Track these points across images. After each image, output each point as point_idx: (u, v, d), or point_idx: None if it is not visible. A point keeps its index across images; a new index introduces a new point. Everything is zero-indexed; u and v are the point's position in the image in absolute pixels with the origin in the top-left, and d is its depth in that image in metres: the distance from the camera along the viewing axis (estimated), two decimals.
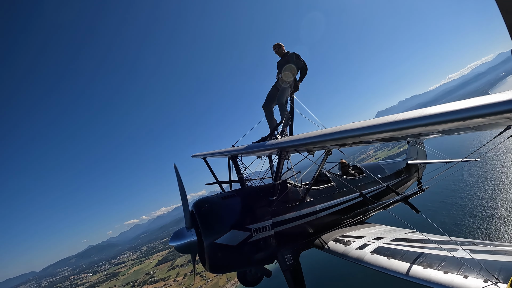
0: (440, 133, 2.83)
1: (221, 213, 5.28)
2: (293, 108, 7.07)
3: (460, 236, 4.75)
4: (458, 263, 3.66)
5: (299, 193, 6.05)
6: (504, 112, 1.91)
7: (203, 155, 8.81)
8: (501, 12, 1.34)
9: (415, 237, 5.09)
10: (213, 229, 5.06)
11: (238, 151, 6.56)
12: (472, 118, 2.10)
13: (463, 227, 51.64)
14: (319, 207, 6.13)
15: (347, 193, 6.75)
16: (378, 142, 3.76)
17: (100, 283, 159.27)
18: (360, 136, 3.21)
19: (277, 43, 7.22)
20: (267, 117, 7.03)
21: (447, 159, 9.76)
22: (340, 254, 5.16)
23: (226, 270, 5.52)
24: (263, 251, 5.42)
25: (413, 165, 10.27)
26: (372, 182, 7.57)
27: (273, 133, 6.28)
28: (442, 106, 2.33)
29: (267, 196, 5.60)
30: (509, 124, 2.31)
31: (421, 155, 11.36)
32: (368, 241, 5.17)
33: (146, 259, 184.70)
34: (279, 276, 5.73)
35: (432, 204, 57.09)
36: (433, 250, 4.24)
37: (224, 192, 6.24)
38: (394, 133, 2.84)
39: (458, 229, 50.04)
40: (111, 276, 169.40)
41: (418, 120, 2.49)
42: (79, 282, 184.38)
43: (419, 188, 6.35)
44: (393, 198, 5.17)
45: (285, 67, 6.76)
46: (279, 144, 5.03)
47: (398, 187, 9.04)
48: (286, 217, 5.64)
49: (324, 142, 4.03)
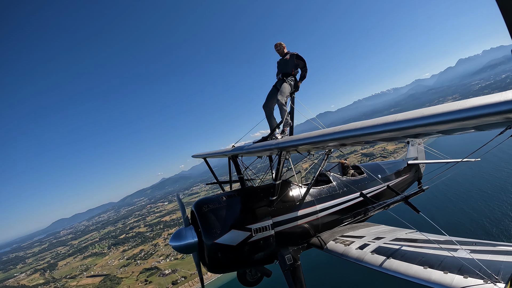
0: (440, 133, 2.82)
1: (221, 213, 5.28)
2: (293, 108, 7.06)
3: (460, 236, 4.74)
4: (458, 263, 3.66)
5: (299, 193, 6.05)
6: (504, 112, 1.91)
7: (204, 155, 8.81)
8: (501, 12, 1.34)
9: (415, 237, 5.09)
10: (213, 229, 5.07)
11: (238, 151, 6.56)
12: (472, 118, 2.10)
13: (463, 227, 51.60)
14: (319, 207, 6.13)
15: (347, 193, 6.75)
16: (379, 142, 3.76)
17: (176, 211, 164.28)
18: (360, 136, 3.21)
19: (278, 42, 7.18)
20: (267, 117, 7.02)
21: (447, 159, 9.76)
22: (340, 254, 5.16)
23: (226, 270, 5.52)
24: (263, 251, 5.42)
25: (413, 165, 10.27)
26: (372, 182, 7.57)
27: (273, 133, 6.27)
28: (442, 106, 2.33)
29: (267, 196, 5.60)
30: (509, 124, 2.31)
31: (421, 155, 11.37)
32: (368, 241, 5.17)
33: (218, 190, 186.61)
34: (279, 276, 5.73)
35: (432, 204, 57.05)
36: (433, 250, 4.24)
37: (224, 192, 6.25)
38: (394, 133, 2.83)
39: (458, 229, 50.00)
40: (186, 205, 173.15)
41: (418, 120, 2.49)
42: (156, 210, 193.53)
43: (419, 188, 6.35)
44: (393, 198, 5.17)
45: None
46: (279, 144, 5.03)
47: (398, 187, 9.04)
48: (286, 217, 5.64)
49: (324, 142, 4.03)
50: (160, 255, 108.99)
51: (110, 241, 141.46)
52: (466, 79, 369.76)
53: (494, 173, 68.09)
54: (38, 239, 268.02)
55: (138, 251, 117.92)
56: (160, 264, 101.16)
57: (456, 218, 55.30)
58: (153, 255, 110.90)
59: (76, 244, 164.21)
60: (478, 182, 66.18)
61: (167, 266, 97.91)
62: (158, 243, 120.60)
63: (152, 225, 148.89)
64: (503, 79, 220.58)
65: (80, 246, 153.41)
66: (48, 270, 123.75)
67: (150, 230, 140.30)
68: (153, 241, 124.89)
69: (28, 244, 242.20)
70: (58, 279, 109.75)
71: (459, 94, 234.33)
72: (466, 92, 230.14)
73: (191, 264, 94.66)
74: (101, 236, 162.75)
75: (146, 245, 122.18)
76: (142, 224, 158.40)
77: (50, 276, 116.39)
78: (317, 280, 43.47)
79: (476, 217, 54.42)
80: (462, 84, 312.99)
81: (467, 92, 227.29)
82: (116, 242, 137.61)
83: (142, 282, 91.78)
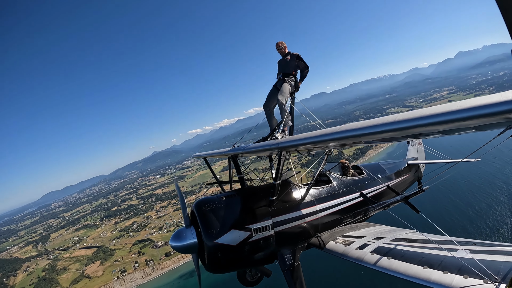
0: (440, 133, 2.82)
1: (221, 213, 5.28)
2: (293, 108, 7.06)
3: (460, 236, 4.75)
4: (458, 263, 3.67)
5: (299, 193, 6.05)
6: (504, 112, 1.91)
7: (204, 155, 8.81)
8: (501, 11, 1.34)
9: (415, 237, 5.09)
10: (213, 229, 5.07)
11: (238, 151, 6.56)
12: (472, 118, 2.10)
13: (463, 227, 51.61)
14: (319, 207, 6.13)
15: (347, 193, 6.75)
16: (378, 142, 3.76)
17: (168, 184, 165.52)
18: (360, 136, 3.21)
19: (280, 42, 7.17)
20: (267, 117, 7.02)
21: (447, 159, 9.77)
22: (340, 254, 5.17)
23: (226, 270, 5.52)
24: (263, 251, 5.42)
25: (413, 165, 10.27)
26: (372, 182, 7.57)
27: (273, 133, 6.27)
28: (442, 106, 2.33)
29: (267, 196, 5.60)
30: (509, 124, 2.31)
31: (421, 155, 11.38)
32: (368, 241, 5.17)
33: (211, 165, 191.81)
34: (279, 276, 5.74)
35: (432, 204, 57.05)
36: (433, 250, 4.25)
37: (224, 192, 6.25)
38: (394, 133, 2.84)
39: (458, 229, 50.01)
40: (178, 178, 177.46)
41: (418, 120, 2.49)
42: (147, 183, 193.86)
43: (419, 188, 6.35)
44: (393, 198, 5.17)
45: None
46: (279, 144, 5.03)
47: (398, 187, 9.04)
48: (286, 217, 5.64)
49: (324, 142, 4.03)
50: (153, 227, 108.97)
51: (102, 213, 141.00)
52: (463, 72, 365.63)
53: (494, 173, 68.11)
54: (29, 212, 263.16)
55: (131, 223, 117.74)
56: (153, 236, 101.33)
57: (456, 218, 55.31)
58: (145, 227, 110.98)
59: (68, 216, 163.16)
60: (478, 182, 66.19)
61: (160, 238, 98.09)
62: (151, 216, 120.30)
63: (144, 198, 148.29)
64: (501, 76, 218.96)
65: (72, 218, 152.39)
66: (40, 242, 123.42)
67: (142, 203, 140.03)
68: (145, 213, 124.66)
69: (19, 217, 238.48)
70: (51, 251, 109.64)
71: (456, 86, 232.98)
72: (463, 85, 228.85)
73: None
74: (93, 208, 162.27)
75: (139, 218, 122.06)
76: (134, 197, 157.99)
77: (43, 248, 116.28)
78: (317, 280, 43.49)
79: (476, 217, 54.44)
80: (459, 77, 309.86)
81: (464, 85, 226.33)
82: (108, 214, 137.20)
83: (136, 253, 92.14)
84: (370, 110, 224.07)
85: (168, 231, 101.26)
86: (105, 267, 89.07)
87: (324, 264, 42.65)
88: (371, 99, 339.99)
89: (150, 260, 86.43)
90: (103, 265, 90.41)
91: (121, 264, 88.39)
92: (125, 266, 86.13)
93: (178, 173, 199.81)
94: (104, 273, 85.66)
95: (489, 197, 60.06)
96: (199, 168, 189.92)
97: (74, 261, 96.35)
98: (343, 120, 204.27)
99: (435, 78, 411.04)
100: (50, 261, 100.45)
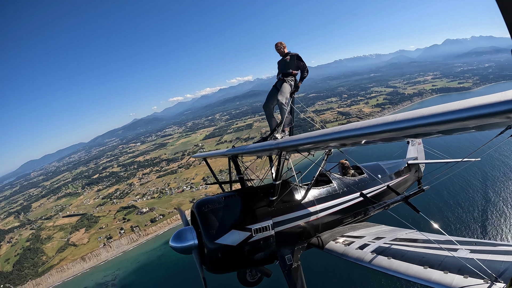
0: (440, 133, 2.82)
1: (221, 213, 5.28)
2: (293, 108, 7.06)
3: (460, 236, 4.75)
4: (458, 263, 3.67)
5: (299, 193, 6.05)
6: (504, 112, 1.91)
7: (204, 155, 8.81)
8: (501, 12, 1.34)
9: (415, 237, 5.09)
10: (213, 229, 5.07)
11: (238, 151, 6.56)
12: (472, 118, 2.10)
13: (463, 227, 51.61)
14: (319, 207, 6.12)
15: (347, 193, 6.74)
16: (379, 142, 3.76)
17: (149, 151, 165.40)
18: (360, 136, 3.22)
19: (279, 42, 7.18)
20: (267, 117, 7.03)
21: (447, 159, 9.77)
22: (340, 254, 5.17)
23: (226, 270, 5.52)
24: (263, 251, 5.43)
25: (413, 165, 10.27)
26: (373, 182, 7.57)
27: (273, 133, 6.28)
28: (442, 106, 2.33)
29: (267, 196, 5.60)
30: (509, 124, 2.31)
31: (421, 155, 11.38)
32: (368, 241, 5.17)
33: (192, 133, 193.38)
34: (279, 276, 5.73)
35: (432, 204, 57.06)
36: (433, 250, 4.25)
37: (224, 193, 6.25)
38: (394, 133, 2.84)
39: (458, 229, 50.02)
40: (160, 146, 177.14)
41: (418, 120, 2.48)
42: (128, 150, 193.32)
43: (419, 188, 6.35)
44: (393, 198, 5.16)
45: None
46: (279, 144, 5.03)
47: (398, 187, 9.04)
48: (286, 217, 5.64)
49: (324, 142, 4.03)
50: (136, 194, 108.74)
51: (83, 181, 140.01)
52: (449, 60, 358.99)
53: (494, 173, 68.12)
54: (8, 182, 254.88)
55: (114, 191, 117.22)
56: (137, 202, 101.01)
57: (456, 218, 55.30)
58: (129, 194, 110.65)
59: (48, 185, 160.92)
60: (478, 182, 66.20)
61: (144, 204, 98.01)
62: (133, 183, 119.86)
63: (125, 165, 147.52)
64: (486, 68, 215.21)
65: (53, 187, 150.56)
66: (22, 212, 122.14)
67: (124, 170, 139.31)
68: (128, 180, 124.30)
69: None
70: (34, 221, 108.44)
71: (440, 72, 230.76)
72: (447, 71, 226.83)
73: (167, 202, 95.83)
74: (74, 176, 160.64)
75: (121, 185, 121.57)
76: (115, 164, 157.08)
77: (25, 218, 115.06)
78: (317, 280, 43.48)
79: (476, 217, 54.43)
80: (445, 63, 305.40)
81: (448, 72, 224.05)
82: (90, 182, 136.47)
83: (120, 220, 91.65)
84: (354, 87, 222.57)
85: (152, 198, 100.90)
86: (90, 234, 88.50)
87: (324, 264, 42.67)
88: (355, 76, 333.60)
89: (136, 227, 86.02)
90: (88, 232, 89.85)
91: (106, 231, 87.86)
92: (110, 233, 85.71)
93: (159, 140, 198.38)
94: (90, 240, 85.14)
95: (489, 197, 60.08)
96: (181, 136, 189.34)
97: (58, 230, 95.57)
98: (326, 95, 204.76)
99: (421, 62, 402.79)
100: (34, 230, 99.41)
